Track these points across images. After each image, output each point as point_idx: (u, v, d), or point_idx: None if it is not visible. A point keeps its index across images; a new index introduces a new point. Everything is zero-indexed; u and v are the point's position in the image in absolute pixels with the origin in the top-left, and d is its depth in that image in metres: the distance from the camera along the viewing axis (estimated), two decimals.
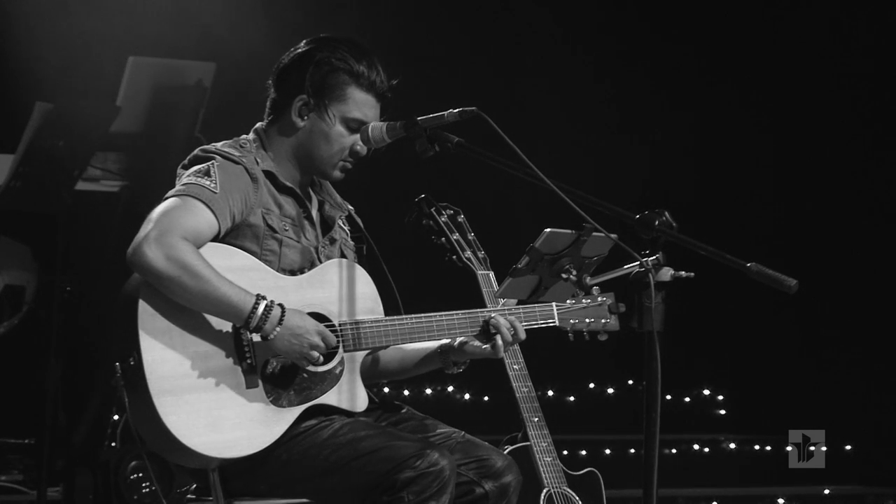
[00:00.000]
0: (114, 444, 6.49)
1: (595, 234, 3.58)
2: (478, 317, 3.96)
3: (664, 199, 4.03)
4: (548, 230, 3.59)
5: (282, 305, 3.70)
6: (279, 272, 3.83)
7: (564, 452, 7.09)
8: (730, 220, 8.36)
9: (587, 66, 8.56)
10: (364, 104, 3.90)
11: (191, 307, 3.65)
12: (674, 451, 8.29)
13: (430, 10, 8.20)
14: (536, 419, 4.66)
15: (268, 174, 3.89)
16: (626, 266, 3.47)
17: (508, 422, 4.75)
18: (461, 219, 4.48)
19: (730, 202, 8.63)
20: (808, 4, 8.58)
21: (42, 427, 6.18)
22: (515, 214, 7.50)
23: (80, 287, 6.45)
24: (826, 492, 7.86)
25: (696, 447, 8.39)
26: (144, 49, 6.77)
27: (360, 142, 3.92)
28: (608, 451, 8.02)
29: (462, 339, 3.98)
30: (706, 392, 8.85)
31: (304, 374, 3.78)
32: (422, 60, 7.67)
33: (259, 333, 3.68)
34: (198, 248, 3.67)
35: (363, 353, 3.89)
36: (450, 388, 8.49)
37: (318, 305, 3.82)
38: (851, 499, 7.92)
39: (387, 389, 7.72)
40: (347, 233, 4.11)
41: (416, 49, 7.75)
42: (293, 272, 3.86)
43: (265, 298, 3.68)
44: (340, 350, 3.83)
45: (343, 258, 3.99)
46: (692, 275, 3.46)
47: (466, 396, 8.51)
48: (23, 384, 6.80)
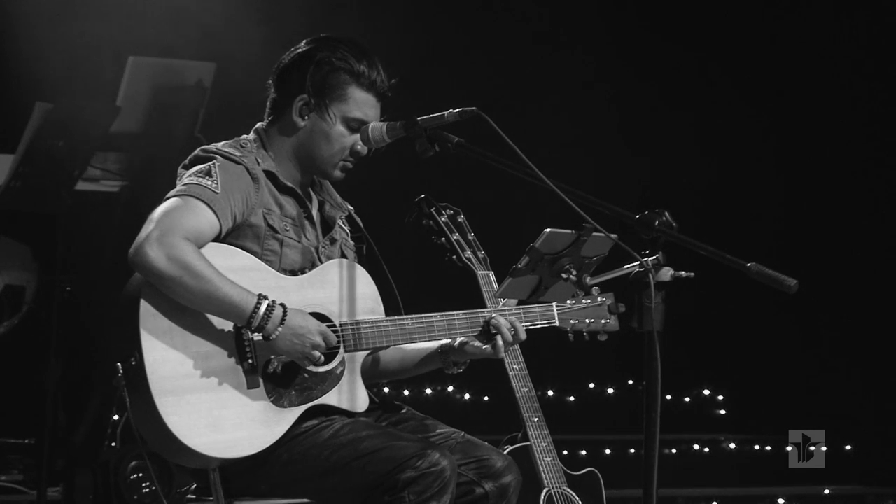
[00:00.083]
0: (114, 444, 6.49)
1: (595, 234, 3.58)
2: (478, 317, 3.95)
3: (664, 199, 4.03)
4: (548, 230, 3.59)
5: (283, 305, 3.70)
6: (280, 272, 3.82)
7: (564, 452, 7.09)
8: (730, 220, 8.36)
9: (587, 66, 8.56)
10: (365, 104, 3.90)
11: (192, 307, 3.65)
12: (674, 451, 8.29)
13: (431, 10, 8.20)
14: (536, 419, 4.65)
15: (268, 174, 3.89)
16: (626, 266, 3.47)
17: (508, 422, 4.75)
18: (461, 219, 4.47)
19: (730, 202, 8.62)
20: (809, 4, 8.58)
21: (42, 427, 6.18)
22: (515, 214, 7.49)
23: (80, 287, 6.44)
24: (826, 492, 7.86)
25: (696, 447, 8.39)
26: (144, 49, 6.77)
27: (361, 141, 3.92)
28: (608, 451, 8.01)
29: (462, 340, 3.98)
30: (706, 392, 8.86)
31: (305, 375, 3.78)
32: (422, 60, 7.66)
33: (261, 333, 3.68)
34: (199, 249, 3.67)
35: (364, 354, 3.90)
36: (450, 388, 8.49)
37: (319, 306, 3.82)
38: (851, 499, 7.92)
39: (387, 389, 7.72)
40: (348, 233, 4.11)
41: (416, 49, 7.74)
42: (294, 272, 3.86)
43: (267, 298, 3.68)
44: (341, 350, 3.83)
45: (343, 258, 3.99)
46: (692, 275, 3.46)
47: (466, 396, 8.51)
48: (23, 384, 6.80)
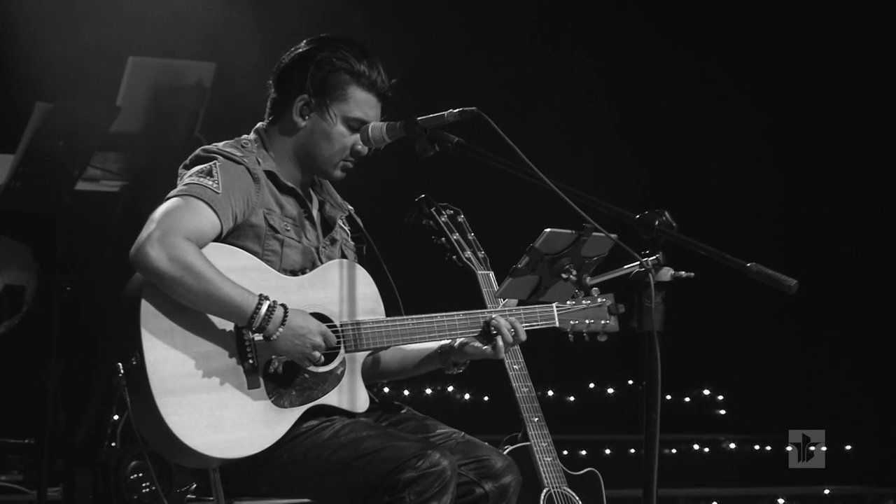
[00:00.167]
0: (114, 444, 6.49)
1: (595, 234, 3.58)
2: (478, 318, 3.95)
3: (664, 199, 4.03)
4: (548, 230, 3.59)
5: (284, 306, 3.69)
6: (281, 272, 3.82)
7: (564, 452, 7.08)
8: (730, 220, 8.36)
9: (587, 66, 8.56)
10: (365, 104, 3.90)
11: (193, 307, 3.65)
12: (674, 451, 8.29)
13: (431, 10, 8.20)
14: (536, 419, 4.65)
15: (269, 174, 3.89)
16: (626, 266, 3.47)
17: (508, 422, 4.75)
18: (461, 219, 4.47)
19: (730, 202, 8.62)
20: (808, 4, 8.58)
21: (42, 427, 6.18)
22: (515, 214, 7.49)
23: (80, 287, 6.44)
24: (826, 492, 7.86)
25: (696, 447, 8.39)
26: (144, 49, 6.76)
27: (361, 141, 3.92)
28: (608, 451, 8.01)
29: (462, 340, 3.98)
30: (706, 392, 8.86)
31: (306, 375, 3.78)
32: (422, 60, 7.66)
33: (262, 334, 3.68)
34: (200, 249, 3.67)
35: (364, 354, 3.90)
36: (450, 388, 8.50)
37: (320, 306, 3.82)
38: (851, 499, 7.92)
39: (387, 390, 7.72)
40: (348, 233, 4.11)
41: (416, 49, 7.74)
42: (294, 272, 3.86)
43: (268, 299, 3.68)
44: (342, 351, 3.83)
45: (344, 258, 3.99)
46: (692, 275, 3.46)
47: (466, 396, 8.51)
48: (23, 384, 6.80)
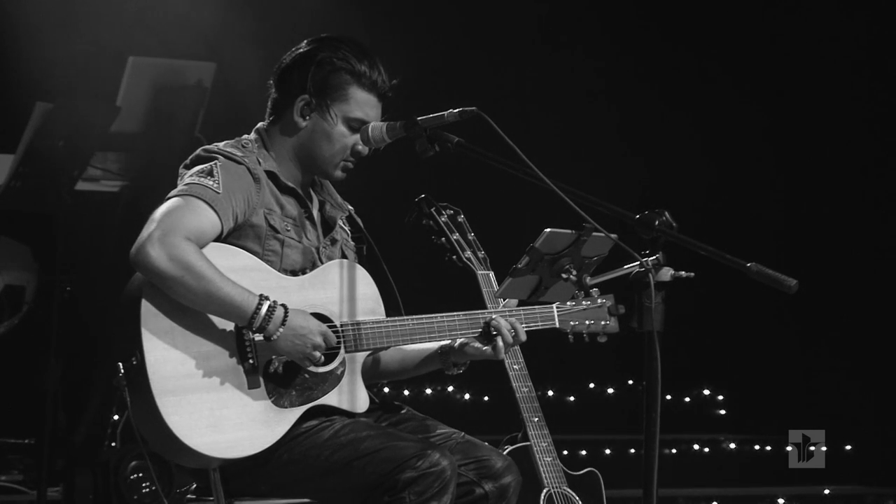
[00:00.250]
0: (114, 444, 6.49)
1: (595, 234, 3.58)
2: (478, 318, 3.95)
3: (664, 199, 4.03)
4: (548, 230, 3.59)
5: (285, 306, 3.69)
6: (281, 272, 3.82)
7: (564, 452, 7.09)
8: (730, 220, 8.36)
9: (588, 66, 8.56)
10: (366, 104, 3.90)
11: (194, 307, 3.65)
12: (674, 451, 8.29)
13: (431, 10, 8.20)
14: (536, 419, 4.65)
15: (270, 174, 3.89)
16: (626, 266, 3.47)
17: (508, 422, 4.75)
18: (461, 219, 4.47)
19: (730, 202, 8.62)
20: (808, 4, 8.58)
21: (42, 427, 6.18)
22: (515, 214, 7.49)
23: (80, 287, 6.44)
24: (826, 492, 7.86)
25: (696, 447, 8.39)
26: (144, 49, 6.76)
27: (361, 141, 3.92)
28: (608, 451, 8.01)
29: (462, 341, 3.98)
30: (706, 392, 8.85)
31: (306, 375, 3.78)
32: (422, 61, 7.66)
33: (262, 334, 3.68)
34: (201, 248, 3.67)
35: (364, 354, 3.90)
36: (450, 389, 8.50)
37: (320, 306, 3.82)
38: (851, 499, 7.92)
39: (387, 390, 7.72)
40: (348, 233, 4.11)
41: (417, 49, 7.74)
42: (295, 272, 3.86)
43: (268, 299, 3.68)
44: (342, 351, 3.83)
45: (344, 259, 3.99)
46: (692, 275, 3.46)
47: (466, 396, 8.51)
48: (23, 384, 6.80)
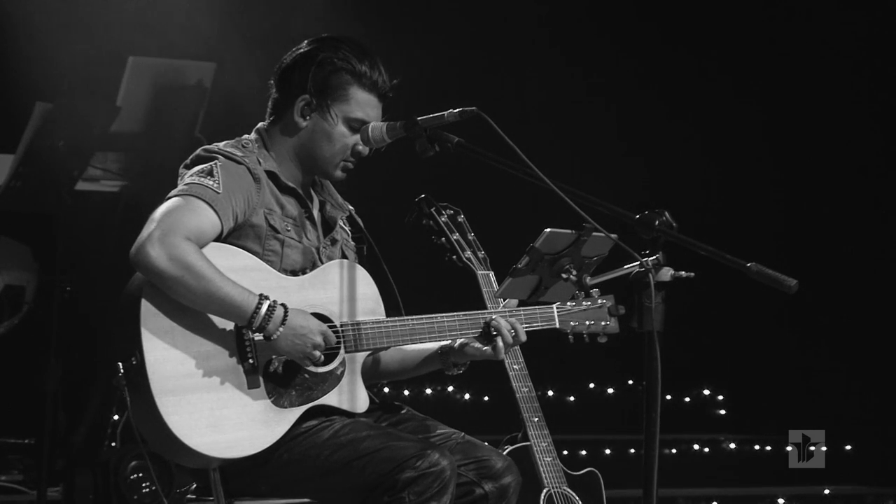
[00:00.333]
0: (114, 444, 6.49)
1: (595, 234, 3.58)
2: (478, 318, 3.95)
3: (664, 199, 4.03)
4: (548, 230, 3.59)
5: (284, 305, 3.69)
6: (281, 272, 3.82)
7: (564, 452, 7.08)
8: (730, 220, 8.36)
9: (588, 66, 8.56)
10: (366, 104, 3.90)
11: (193, 307, 3.65)
12: (674, 451, 8.29)
13: (431, 10, 8.20)
14: (536, 419, 4.65)
15: (270, 174, 3.89)
16: (626, 266, 3.47)
17: (508, 422, 4.75)
18: (461, 219, 4.47)
19: (730, 202, 8.62)
20: (808, 4, 8.58)
21: (42, 427, 6.18)
22: (515, 214, 7.49)
23: (80, 287, 6.44)
24: (826, 492, 7.86)
25: (696, 447, 8.39)
26: (144, 49, 6.76)
27: (361, 142, 3.92)
28: (608, 451, 8.01)
29: (462, 341, 3.98)
30: (706, 392, 8.86)
31: (306, 375, 3.78)
32: (422, 61, 7.66)
33: (262, 333, 3.68)
34: (200, 248, 3.67)
35: (364, 354, 3.90)
36: (450, 389, 8.50)
37: (320, 306, 3.82)
38: (851, 499, 7.92)
39: (387, 390, 7.72)
40: (348, 233, 4.11)
41: (417, 49, 7.74)
42: (295, 272, 3.86)
43: (268, 298, 3.68)
44: (342, 351, 3.83)
45: (344, 259, 3.99)
46: (692, 275, 3.46)
47: (466, 396, 8.51)
48: (23, 384, 6.80)
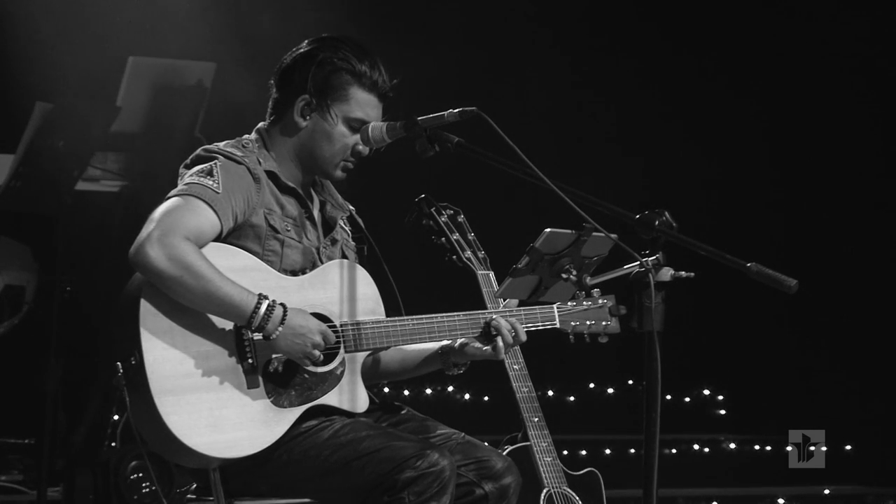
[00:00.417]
0: (114, 444, 6.49)
1: (595, 234, 3.58)
2: (479, 318, 3.96)
3: (664, 199, 4.03)
4: (548, 230, 3.59)
5: (283, 305, 3.69)
6: (281, 272, 3.82)
7: (564, 452, 7.09)
8: (730, 220, 8.36)
9: (587, 66, 8.56)
10: (366, 104, 3.90)
11: (193, 307, 3.65)
12: (674, 451, 8.29)
13: (431, 10, 8.20)
14: (536, 419, 4.65)
15: (270, 174, 3.89)
16: (626, 266, 3.47)
17: (508, 422, 4.75)
18: (461, 219, 4.47)
19: (729, 202, 8.62)
20: (808, 5, 8.58)
21: (42, 427, 6.18)
22: (515, 214, 7.49)
23: (80, 287, 6.44)
24: (826, 492, 7.86)
25: (696, 447, 8.39)
26: (144, 49, 6.76)
27: (361, 141, 3.92)
28: (608, 451, 8.01)
29: (463, 341, 3.98)
30: (706, 392, 8.85)
31: (306, 375, 3.78)
32: (422, 61, 7.66)
33: (261, 333, 3.68)
34: (200, 248, 3.67)
35: (364, 354, 3.90)
36: (450, 389, 8.49)
37: (320, 306, 3.82)
38: (851, 499, 7.91)
39: (387, 390, 7.72)
40: (349, 233, 4.11)
41: (417, 49, 7.74)
42: (295, 272, 3.86)
43: (267, 298, 3.68)
44: (342, 351, 3.83)
45: (344, 259, 3.99)
46: (692, 275, 3.46)
47: (466, 396, 8.51)
48: (23, 384, 6.80)
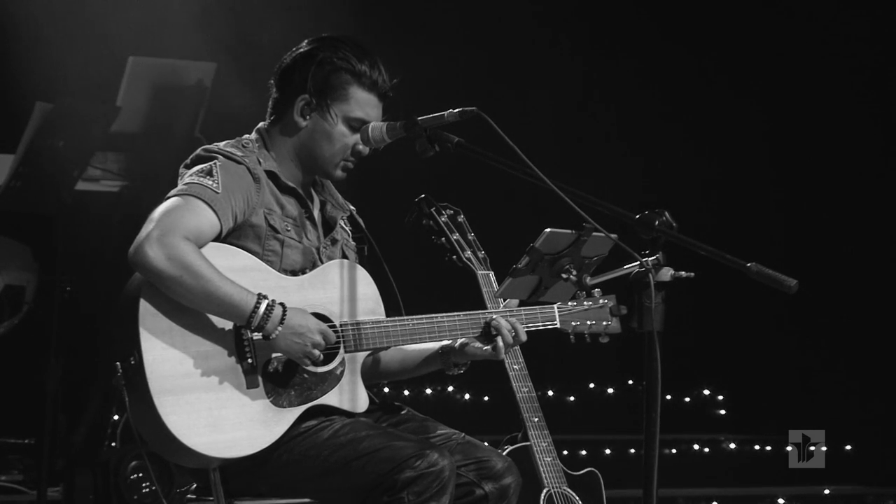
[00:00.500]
0: (114, 444, 6.49)
1: (595, 234, 3.58)
2: (479, 318, 3.95)
3: (664, 199, 4.03)
4: (548, 230, 3.59)
5: (283, 305, 3.69)
6: (281, 272, 3.82)
7: (564, 452, 7.09)
8: (730, 220, 8.36)
9: (588, 66, 8.56)
10: (366, 104, 3.90)
11: (192, 307, 3.65)
12: (674, 451, 8.29)
13: (431, 10, 8.20)
14: (536, 419, 4.65)
15: (270, 174, 3.89)
16: (626, 266, 3.47)
17: (508, 422, 4.75)
18: (461, 219, 4.47)
19: (729, 202, 8.62)
20: (807, 6, 8.58)
21: (42, 427, 6.18)
22: (515, 214, 7.49)
23: (80, 287, 6.44)
24: (826, 492, 7.86)
25: (696, 447, 8.39)
26: (144, 49, 6.76)
27: (361, 141, 3.92)
28: (608, 451, 8.01)
29: (463, 341, 3.98)
30: (706, 392, 8.85)
31: (305, 375, 3.78)
32: (422, 60, 7.66)
33: (261, 333, 3.68)
34: (199, 248, 3.67)
35: (364, 354, 3.90)
36: (450, 389, 8.49)
37: (320, 306, 3.82)
38: (851, 499, 7.92)
39: (387, 390, 7.72)
40: (349, 233, 4.11)
41: (417, 49, 7.74)
42: (295, 272, 3.86)
43: (266, 298, 3.68)
44: (341, 351, 3.83)
45: (344, 259, 3.99)
46: (692, 275, 3.46)
47: (466, 397, 8.51)
48: (23, 384, 6.80)
